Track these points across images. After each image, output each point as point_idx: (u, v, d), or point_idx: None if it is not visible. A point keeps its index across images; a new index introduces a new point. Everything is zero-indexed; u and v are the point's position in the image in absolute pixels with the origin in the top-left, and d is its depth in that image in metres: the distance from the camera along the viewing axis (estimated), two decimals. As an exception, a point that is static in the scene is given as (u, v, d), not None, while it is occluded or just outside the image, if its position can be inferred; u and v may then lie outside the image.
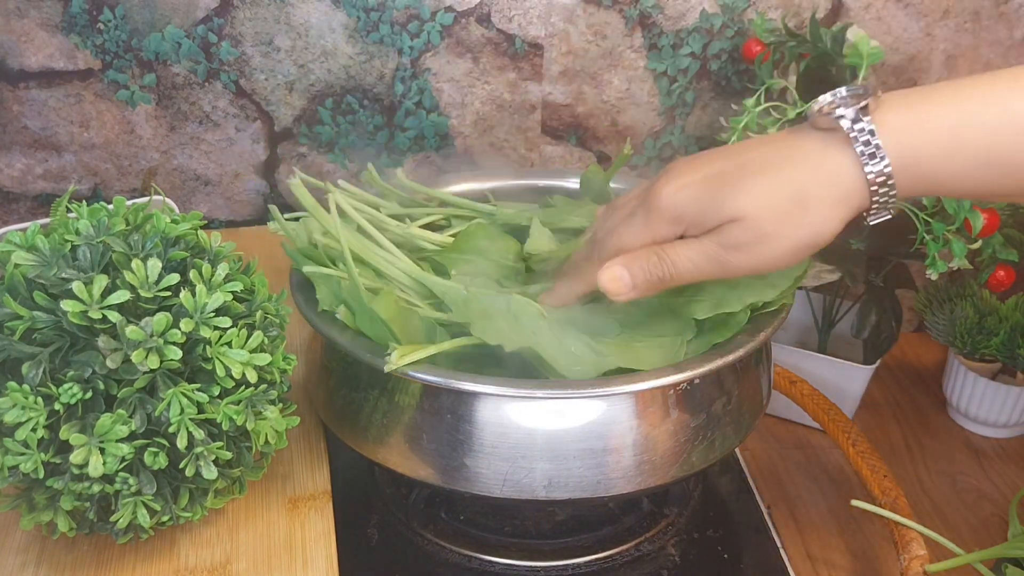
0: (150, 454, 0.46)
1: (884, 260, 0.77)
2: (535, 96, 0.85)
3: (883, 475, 0.66)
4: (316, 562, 0.52)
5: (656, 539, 0.64)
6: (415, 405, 0.53)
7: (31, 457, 0.45)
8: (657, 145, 0.88)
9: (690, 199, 0.49)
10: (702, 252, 0.49)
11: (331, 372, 0.59)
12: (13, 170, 0.82)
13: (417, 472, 0.54)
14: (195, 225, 0.51)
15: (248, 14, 0.78)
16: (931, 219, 0.69)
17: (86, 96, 0.80)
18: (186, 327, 0.46)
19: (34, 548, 0.53)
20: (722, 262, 0.48)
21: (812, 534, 0.71)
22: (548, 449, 0.52)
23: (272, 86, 0.82)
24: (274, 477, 0.58)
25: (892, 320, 0.76)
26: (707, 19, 0.82)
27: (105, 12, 0.77)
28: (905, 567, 0.59)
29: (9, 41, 0.77)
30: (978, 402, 0.82)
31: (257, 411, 0.49)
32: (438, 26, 0.80)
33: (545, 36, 0.82)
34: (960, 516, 0.74)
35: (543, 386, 0.52)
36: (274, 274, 0.75)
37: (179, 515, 0.49)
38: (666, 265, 0.49)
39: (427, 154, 0.86)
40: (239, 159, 0.85)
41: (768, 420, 0.84)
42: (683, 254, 0.49)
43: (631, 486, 0.53)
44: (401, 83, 0.83)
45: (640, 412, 0.53)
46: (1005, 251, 0.70)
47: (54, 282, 0.46)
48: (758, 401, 0.60)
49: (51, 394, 0.44)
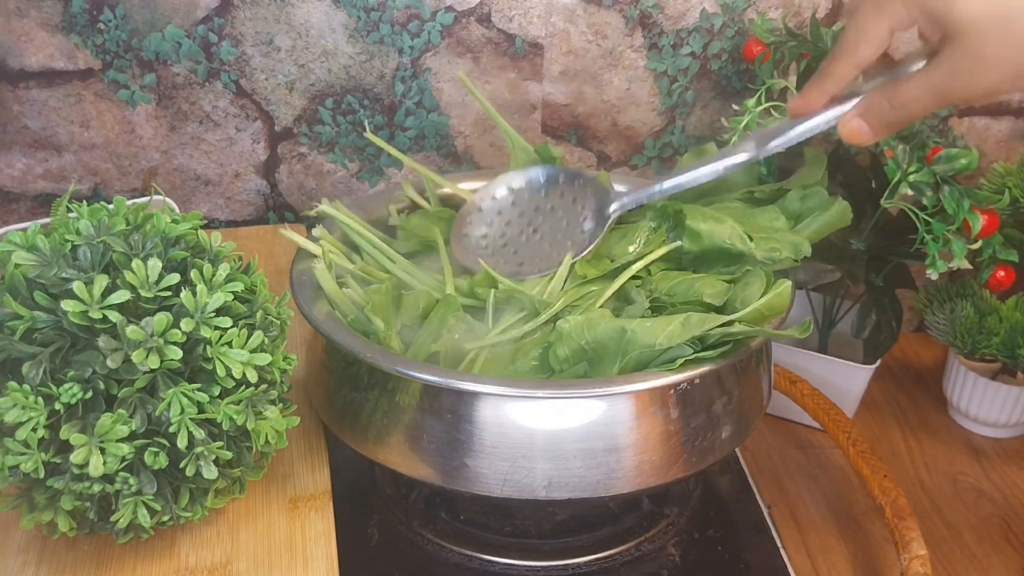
0: (150, 454, 0.46)
1: (884, 260, 0.77)
2: (535, 96, 0.85)
3: (883, 475, 0.66)
4: (316, 562, 0.52)
5: (656, 539, 0.64)
6: (415, 405, 0.53)
7: (31, 457, 0.45)
8: (657, 145, 0.88)
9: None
10: (927, 89, 0.48)
11: (331, 372, 0.59)
12: (13, 170, 0.82)
13: (417, 472, 0.54)
14: (195, 225, 0.51)
15: (248, 14, 0.78)
16: (931, 219, 0.69)
17: (86, 96, 0.80)
18: (186, 327, 0.46)
19: (34, 548, 0.53)
20: (945, 93, 0.48)
21: (812, 534, 0.71)
22: (548, 449, 0.52)
23: (272, 86, 0.82)
24: (274, 477, 0.58)
25: (892, 320, 0.76)
26: (707, 19, 0.82)
27: (105, 12, 0.77)
28: (905, 567, 0.59)
29: (9, 41, 0.77)
30: (978, 402, 0.82)
31: (257, 411, 0.50)
32: (438, 26, 0.80)
33: (545, 36, 0.82)
34: (960, 516, 0.74)
35: (543, 386, 0.52)
36: (274, 274, 0.76)
37: (179, 515, 0.49)
38: (897, 110, 0.50)
39: (427, 154, 0.86)
40: (239, 159, 0.85)
41: (768, 420, 0.84)
42: (911, 95, 0.49)
43: (631, 486, 0.53)
44: (401, 83, 0.83)
45: (640, 412, 0.53)
46: (1005, 251, 0.70)
47: (54, 282, 0.46)
48: (758, 401, 0.60)
49: (51, 394, 0.44)
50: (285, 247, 0.82)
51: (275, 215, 0.88)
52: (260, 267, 0.54)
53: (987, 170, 0.81)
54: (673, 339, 0.52)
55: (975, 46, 0.45)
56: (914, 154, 0.70)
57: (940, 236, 0.69)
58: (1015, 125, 0.87)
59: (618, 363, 0.53)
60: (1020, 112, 0.86)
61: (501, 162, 0.78)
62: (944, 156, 0.69)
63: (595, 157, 0.88)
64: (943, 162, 0.69)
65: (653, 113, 0.86)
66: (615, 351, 0.53)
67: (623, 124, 0.87)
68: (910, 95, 0.49)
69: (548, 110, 0.85)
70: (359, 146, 0.85)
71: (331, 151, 0.85)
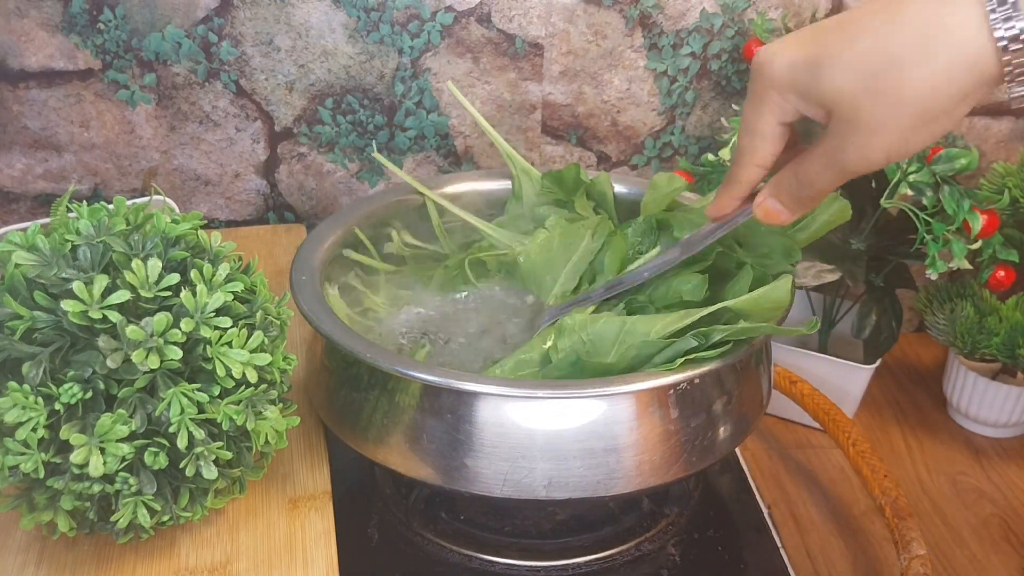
0: (150, 454, 0.46)
1: (884, 260, 0.77)
2: (535, 96, 0.85)
3: (883, 475, 0.66)
4: (316, 562, 0.52)
5: (656, 539, 0.64)
6: (415, 405, 0.53)
7: (31, 457, 0.45)
8: (657, 145, 0.88)
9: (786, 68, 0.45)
10: (825, 164, 0.46)
11: (331, 372, 0.59)
12: (13, 170, 0.82)
13: (417, 472, 0.54)
14: (195, 225, 0.51)
15: (248, 14, 0.78)
16: (931, 219, 0.69)
17: (86, 96, 0.80)
18: (186, 327, 0.46)
19: (34, 548, 0.53)
20: (840, 166, 0.46)
21: (812, 534, 0.71)
22: (548, 449, 0.52)
23: (272, 86, 0.82)
24: (274, 477, 0.58)
25: (892, 320, 0.76)
26: (707, 19, 0.82)
27: (105, 12, 0.77)
28: (905, 567, 0.59)
29: (9, 41, 0.77)
30: (978, 402, 0.82)
31: (257, 411, 0.49)
32: (438, 26, 0.80)
33: (545, 36, 0.82)
34: (960, 516, 0.74)
35: (543, 386, 0.52)
36: (274, 274, 0.76)
37: (179, 515, 0.49)
38: (804, 187, 0.49)
39: (427, 154, 0.86)
40: (239, 159, 0.85)
41: (768, 420, 0.84)
42: (813, 170, 0.47)
43: (631, 486, 0.53)
44: (401, 83, 0.83)
45: (640, 412, 0.52)
46: (1005, 251, 0.70)
47: (54, 282, 0.46)
48: (758, 401, 0.60)
49: (51, 394, 0.44)
50: (285, 247, 0.82)
51: (275, 215, 0.88)
52: (260, 267, 0.54)
53: (987, 170, 0.81)
54: (670, 327, 0.52)
55: (852, 115, 0.44)
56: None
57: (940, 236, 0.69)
58: (1015, 125, 0.87)
59: (614, 352, 0.53)
60: (1020, 112, 0.86)
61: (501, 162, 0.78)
62: (944, 156, 0.69)
63: (595, 157, 0.88)
64: (943, 162, 0.69)
65: (653, 113, 0.86)
66: (612, 341, 0.54)
67: (623, 124, 0.87)
68: (812, 170, 0.48)
69: (548, 110, 0.85)
70: (359, 146, 0.85)
71: (331, 151, 0.85)
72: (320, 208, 0.88)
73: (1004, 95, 0.42)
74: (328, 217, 0.69)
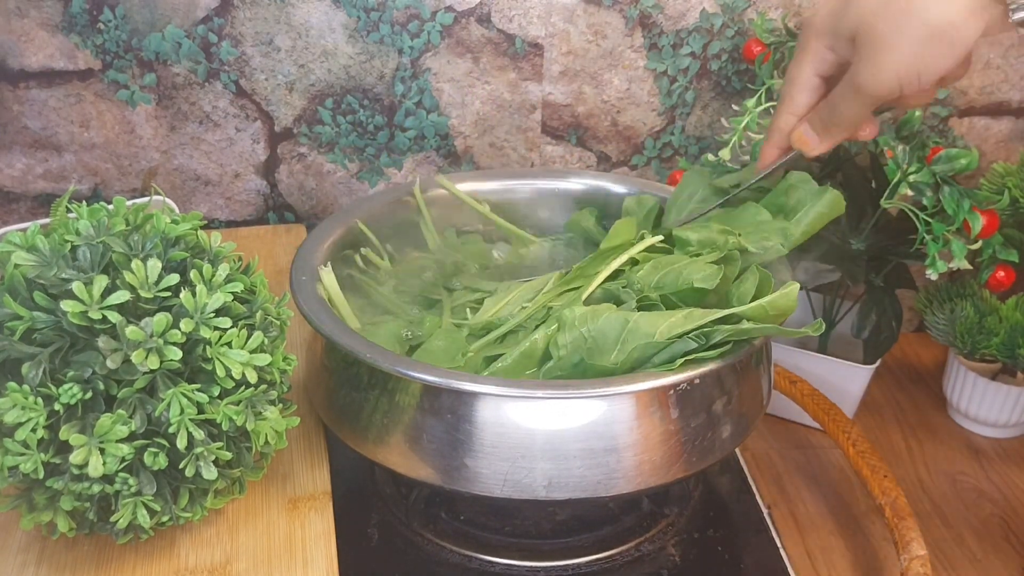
0: (150, 454, 0.46)
1: (884, 260, 0.77)
2: (535, 96, 0.85)
3: (883, 475, 0.66)
4: (316, 562, 0.52)
5: (656, 539, 0.64)
6: (415, 405, 0.53)
7: (31, 457, 0.45)
8: (657, 145, 0.88)
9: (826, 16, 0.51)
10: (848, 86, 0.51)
11: (331, 372, 0.59)
12: (13, 170, 0.82)
13: (417, 472, 0.54)
14: (195, 225, 0.51)
15: (248, 14, 0.78)
16: (931, 219, 0.69)
17: (86, 96, 0.80)
18: (186, 327, 0.46)
19: (34, 548, 0.53)
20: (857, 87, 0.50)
21: (812, 534, 0.71)
22: (548, 449, 0.52)
23: (272, 86, 0.82)
24: (274, 477, 0.58)
25: (892, 320, 0.76)
26: (707, 19, 0.82)
27: (105, 12, 0.77)
28: (905, 567, 0.59)
29: (9, 41, 0.77)
30: (978, 402, 0.82)
31: (257, 411, 0.49)
32: (438, 26, 0.80)
33: (545, 36, 0.82)
34: (960, 516, 0.74)
35: (543, 386, 0.52)
36: (274, 274, 0.76)
37: (179, 515, 0.49)
38: (833, 114, 0.53)
39: (427, 154, 0.86)
40: (239, 159, 0.85)
41: (768, 420, 0.84)
42: (836, 94, 0.52)
43: (631, 486, 0.53)
44: (401, 83, 0.83)
45: (640, 412, 0.52)
46: (1005, 251, 0.70)
47: (54, 282, 0.46)
48: (758, 401, 0.60)
49: (51, 394, 0.44)
50: (285, 247, 0.82)
51: (275, 215, 0.88)
52: (260, 267, 0.54)
53: (987, 170, 0.81)
54: (674, 329, 0.52)
55: (868, 36, 0.48)
56: (914, 154, 0.70)
57: (940, 236, 0.69)
58: (1015, 125, 0.87)
59: (616, 352, 0.53)
60: (1020, 112, 0.86)
61: (501, 162, 0.78)
62: (944, 156, 0.69)
63: (595, 157, 0.88)
64: (943, 162, 0.69)
65: (653, 113, 0.86)
66: (615, 340, 0.53)
67: (623, 124, 0.87)
68: (836, 95, 0.52)
69: (548, 110, 0.85)
70: (359, 146, 0.85)
71: (331, 151, 0.85)
72: (320, 208, 0.88)
73: (1003, 95, 0.43)
74: (328, 217, 0.69)
